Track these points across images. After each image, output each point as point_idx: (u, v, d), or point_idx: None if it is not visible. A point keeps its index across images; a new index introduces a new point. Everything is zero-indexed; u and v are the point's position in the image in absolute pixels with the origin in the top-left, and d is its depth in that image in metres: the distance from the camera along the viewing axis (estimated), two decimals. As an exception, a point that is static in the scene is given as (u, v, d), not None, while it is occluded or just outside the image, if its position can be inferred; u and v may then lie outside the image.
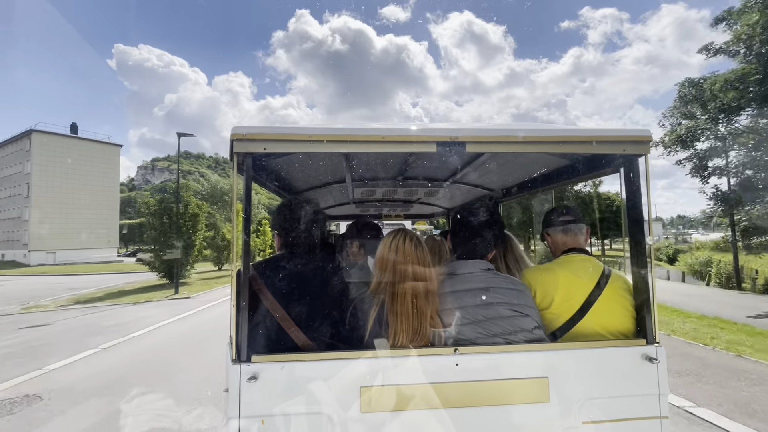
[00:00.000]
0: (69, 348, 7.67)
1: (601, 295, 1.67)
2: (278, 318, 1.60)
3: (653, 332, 1.62)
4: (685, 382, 5.22)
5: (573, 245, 1.86)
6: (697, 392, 4.87)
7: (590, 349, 1.59)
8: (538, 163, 2.49)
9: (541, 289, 1.73)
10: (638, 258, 1.68)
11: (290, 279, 1.73)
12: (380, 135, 1.53)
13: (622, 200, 1.77)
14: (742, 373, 5.58)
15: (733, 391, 4.93)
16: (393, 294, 1.57)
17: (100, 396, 5.08)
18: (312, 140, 1.52)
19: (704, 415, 4.21)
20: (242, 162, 1.57)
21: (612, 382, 1.58)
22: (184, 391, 5.16)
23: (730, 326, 8.77)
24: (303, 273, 1.76)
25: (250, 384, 1.46)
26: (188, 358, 6.89)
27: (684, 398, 4.67)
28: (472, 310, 1.58)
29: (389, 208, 4.65)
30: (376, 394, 1.48)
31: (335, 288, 1.80)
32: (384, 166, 2.87)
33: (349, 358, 1.50)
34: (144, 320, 10.77)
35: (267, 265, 1.80)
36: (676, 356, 6.40)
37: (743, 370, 5.68)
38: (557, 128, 1.69)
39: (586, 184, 30.01)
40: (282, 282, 1.70)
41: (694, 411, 4.31)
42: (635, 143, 1.63)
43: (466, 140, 1.56)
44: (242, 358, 1.48)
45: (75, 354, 7.19)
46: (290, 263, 1.78)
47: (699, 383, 5.18)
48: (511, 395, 1.52)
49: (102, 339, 8.43)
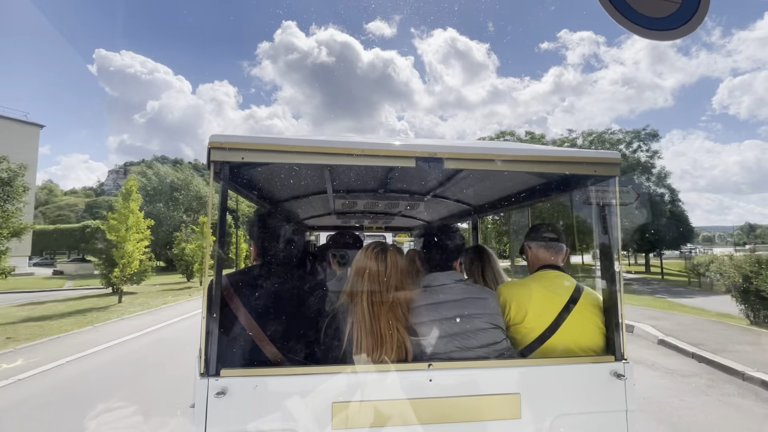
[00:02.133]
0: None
1: (573, 311, 1.70)
2: (250, 331, 1.56)
3: (621, 349, 1.66)
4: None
5: (550, 262, 1.89)
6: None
7: (561, 365, 1.61)
8: (515, 181, 2.55)
9: (515, 303, 1.76)
10: (608, 276, 1.73)
11: (264, 291, 1.69)
12: (360, 148, 1.54)
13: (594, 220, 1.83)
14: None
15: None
16: (361, 305, 1.57)
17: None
18: (291, 151, 1.51)
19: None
20: (219, 171, 1.55)
21: (582, 399, 1.60)
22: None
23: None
24: (278, 285, 1.73)
25: (218, 399, 1.41)
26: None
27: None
28: (447, 323, 1.60)
29: (370, 220, 4.65)
30: (349, 411, 1.45)
31: (311, 301, 1.77)
32: (365, 179, 2.88)
33: (321, 373, 1.48)
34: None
35: (241, 276, 1.76)
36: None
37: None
38: (533, 148, 1.74)
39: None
40: (255, 294, 1.66)
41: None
42: (606, 165, 1.70)
43: (445, 157, 1.59)
44: (211, 372, 1.43)
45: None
46: (265, 275, 1.74)
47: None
48: (484, 411, 1.52)
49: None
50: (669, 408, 4.64)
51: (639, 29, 1.58)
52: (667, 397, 5.00)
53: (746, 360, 6.17)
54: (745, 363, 5.99)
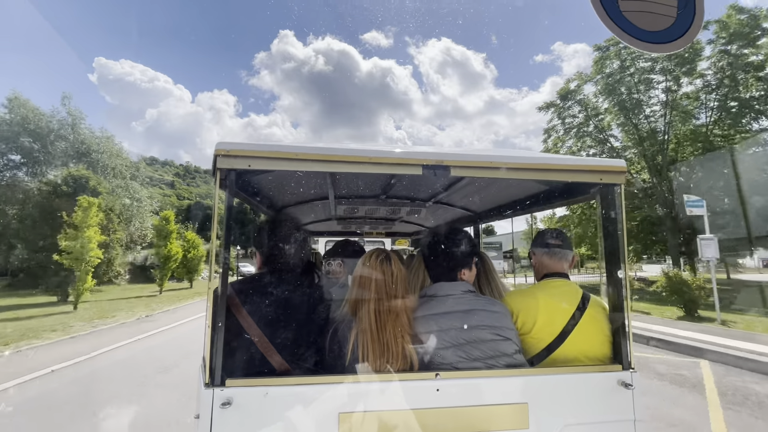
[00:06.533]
0: None
1: (580, 320, 1.70)
2: (255, 340, 1.54)
3: (629, 358, 1.66)
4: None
5: (555, 269, 1.88)
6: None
7: (568, 374, 1.60)
8: (518, 188, 2.55)
9: (522, 314, 1.74)
10: (614, 284, 1.73)
11: (268, 299, 1.67)
12: (368, 156, 1.54)
13: (599, 228, 1.83)
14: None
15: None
16: (364, 313, 1.55)
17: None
18: (300, 159, 1.51)
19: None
20: (225, 178, 1.54)
21: (590, 408, 1.59)
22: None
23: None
24: (281, 293, 1.71)
25: (223, 410, 1.38)
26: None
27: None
28: (454, 333, 1.57)
29: (371, 226, 4.64)
30: (356, 421, 1.43)
31: (315, 309, 1.75)
32: (368, 185, 2.87)
33: (327, 383, 1.46)
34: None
35: (244, 284, 1.75)
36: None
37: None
38: (538, 156, 1.74)
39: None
40: (259, 302, 1.65)
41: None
42: (611, 173, 1.70)
43: (451, 164, 1.59)
44: (216, 382, 1.41)
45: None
46: (269, 283, 1.73)
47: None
48: (492, 421, 1.50)
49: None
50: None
51: (635, 41, 1.61)
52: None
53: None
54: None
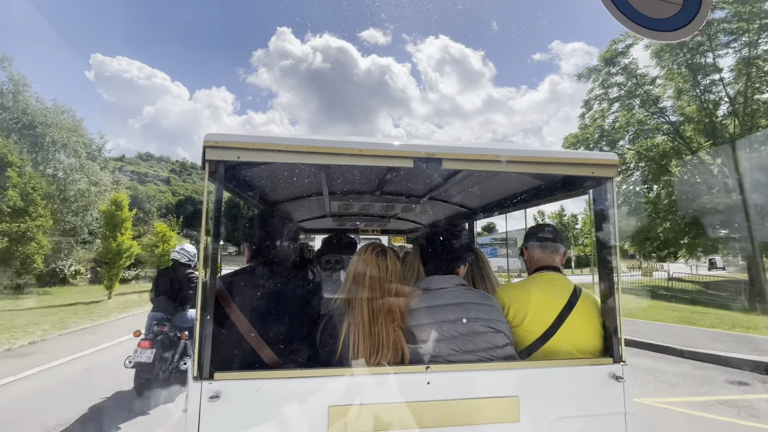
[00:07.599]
0: None
1: (571, 313, 1.69)
2: (244, 333, 1.53)
3: (620, 351, 1.66)
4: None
5: (547, 263, 1.89)
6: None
7: (559, 367, 1.60)
8: (512, 183, 2.55)
9: (514, 306, 1.74)
10: (606, 278, 1.73)
11: (257, 292, 1.66)
12: (358, 148, 1.53)
13: (591, 221, 1.83)
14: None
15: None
16: (357, 306, 1.55)
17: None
18: (289, 151, 1.49)
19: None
20: (214, 170, 1.52)
21: (580, 401, 1.59)
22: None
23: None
24: (270, 286, 1.70)
25: (211, 403, 1.37)
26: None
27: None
28: (447, 326, 1.57)
29: (366, 223, 4.63)
30: (346, 415, 1.43)
31: (305, 302, 1.74)
32: (362, 181, 2.86)
33: (317, 377, 1.45)
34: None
35: (233, 277, 1.74)
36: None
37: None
38: (530, 149, 1.74)
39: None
40: (248, 295, 1.64)
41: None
42: (603, 166, 1.70)
43: (443, 157, 1.58)
44: (204, 375, 1.40)
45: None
46: (258, 276, 1.71)
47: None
48: (482, 415, 1.50)
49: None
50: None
51: (641, 29, 1.60)
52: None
53: None
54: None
